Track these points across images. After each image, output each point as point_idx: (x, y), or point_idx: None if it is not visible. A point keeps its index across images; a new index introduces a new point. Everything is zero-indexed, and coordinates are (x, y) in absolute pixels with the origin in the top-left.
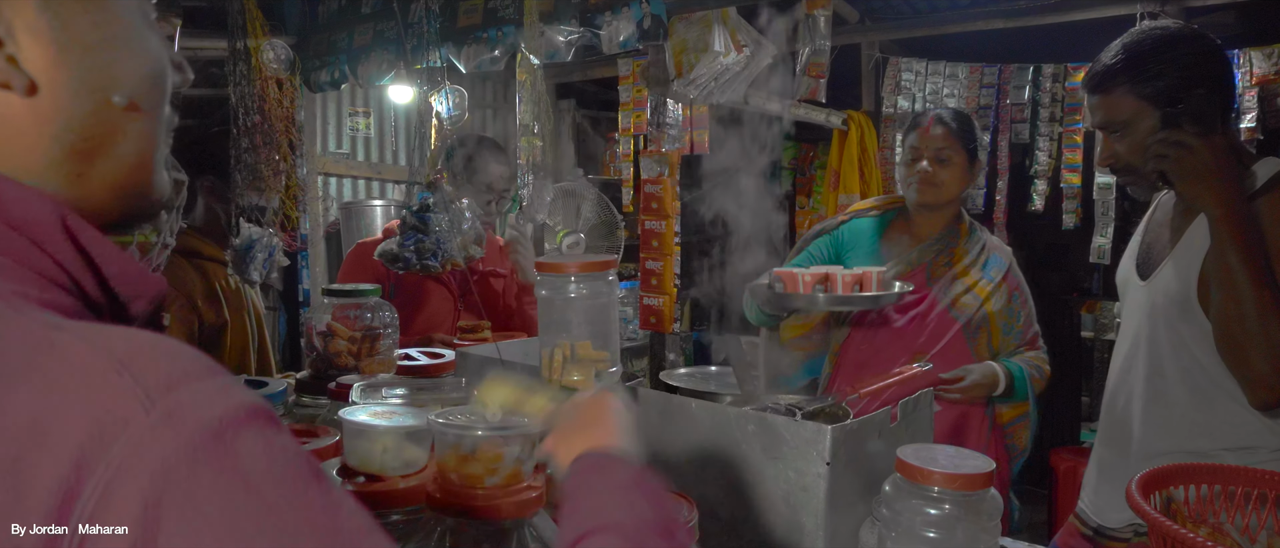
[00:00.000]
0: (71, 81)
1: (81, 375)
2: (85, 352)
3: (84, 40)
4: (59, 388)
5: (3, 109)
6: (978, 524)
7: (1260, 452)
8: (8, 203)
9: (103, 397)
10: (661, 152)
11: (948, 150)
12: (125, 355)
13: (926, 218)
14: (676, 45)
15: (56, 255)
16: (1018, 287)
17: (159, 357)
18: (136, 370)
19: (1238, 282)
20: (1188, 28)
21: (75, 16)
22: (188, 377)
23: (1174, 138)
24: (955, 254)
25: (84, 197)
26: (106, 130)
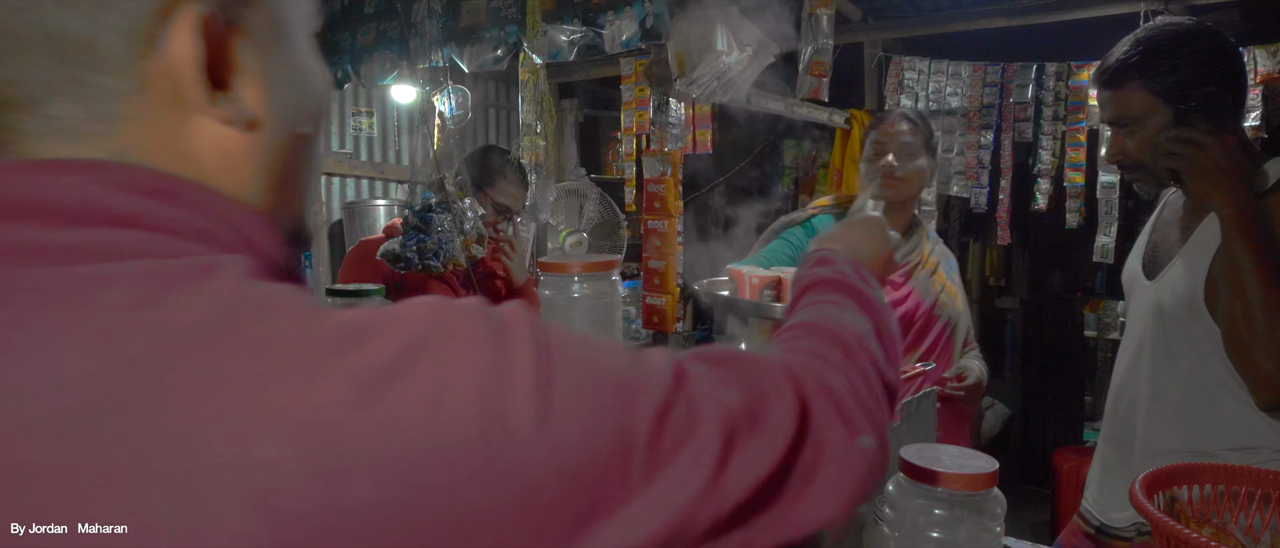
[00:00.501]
0: (274, 116)
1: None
2: (445, 312)
3: (282, 77)
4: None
5: (226, 143)
6: (981, 524)
7: (1264, 452)
8: (248, 226)
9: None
10: (664, 151)
11: (912, 145)
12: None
13: (889, 216)
14: (679, 44)
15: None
16: (961, 285)
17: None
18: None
19: (1247, 281)
20: (1202, 25)
21: (277, 56)
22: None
23: (1186, 135)
24: (924, 253)
25: (274, 220)
26: (293, 158)
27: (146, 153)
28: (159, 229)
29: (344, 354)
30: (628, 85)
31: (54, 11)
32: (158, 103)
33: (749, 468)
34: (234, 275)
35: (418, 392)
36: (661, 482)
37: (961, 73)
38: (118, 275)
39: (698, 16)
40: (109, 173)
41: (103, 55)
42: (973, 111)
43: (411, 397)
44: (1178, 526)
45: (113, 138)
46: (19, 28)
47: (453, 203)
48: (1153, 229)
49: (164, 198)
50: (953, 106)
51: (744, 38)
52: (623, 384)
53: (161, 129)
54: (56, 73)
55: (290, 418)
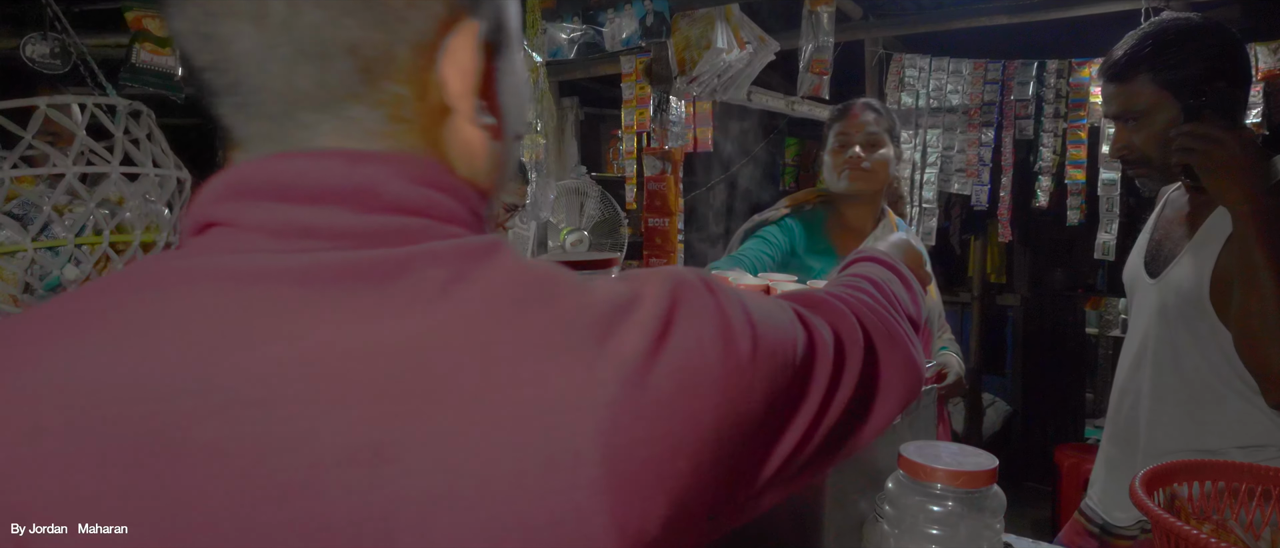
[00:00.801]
0: (505, 120)
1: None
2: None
3: (511, 86)
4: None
5: (474, 144)
6: (981, 521)
7: (1269, 449)
8: (487, 214)
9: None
10: (665, 149)
11: (877, 136)
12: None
13: (859, 209)
14: (679, 42)
15: None
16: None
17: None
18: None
19: (1261, 279)
20: (1209, 20)
21: (511, 76)
22: None
23: (1202, 130)
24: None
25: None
26: (509, 156)
27: (422, 152)
28: (443, 218)
29: (617, 328)
30: (628, 83)
31: (361, 26)
32: (433, 108)
33: (850, 377)
34: (513, 255)
35: (680, 343)
36: (813, 392)
37: (962, 70)
38: (437, 254)
39: (698, 14)
40: (404, 166)
41: (397, 66)
42: (974, 109)
43: (678, 346)
44: (1178, 522)
45: (398, 138)
46: (330, 37)
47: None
48: (1154, 227)
49: (444, 190)
50: (954, 104)
51: (744, 35)
52: (780, 323)
53: (433, 131)
54: (357, 79)
55: (592, 374)
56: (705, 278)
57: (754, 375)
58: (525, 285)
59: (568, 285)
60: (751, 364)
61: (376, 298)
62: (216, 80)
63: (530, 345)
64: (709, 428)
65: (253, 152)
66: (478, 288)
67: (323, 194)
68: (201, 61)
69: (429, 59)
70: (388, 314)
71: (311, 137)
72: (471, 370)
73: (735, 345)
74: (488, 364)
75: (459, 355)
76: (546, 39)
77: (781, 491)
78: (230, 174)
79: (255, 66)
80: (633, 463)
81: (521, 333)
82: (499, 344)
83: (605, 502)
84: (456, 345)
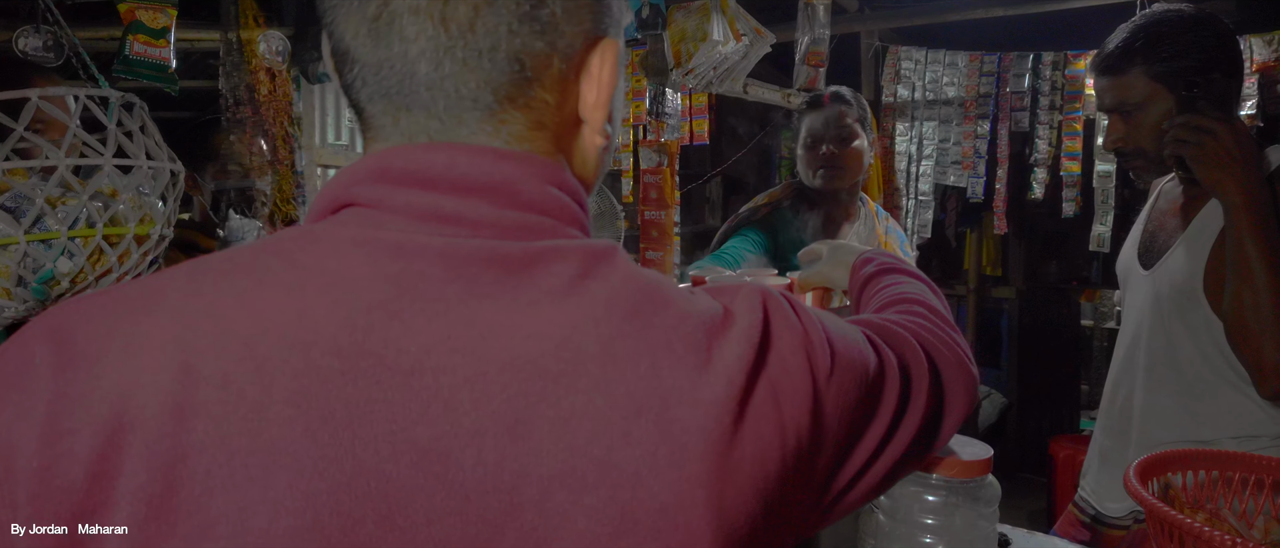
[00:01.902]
0: (613, 135)
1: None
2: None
3: (619, 106)
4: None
5: (594, 155)
6: (976, 511)
7: (1262, 440)
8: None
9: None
10: (661, 141)
11: (849, 129)
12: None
13: (836, 201)
14: (675, 35)
15: None
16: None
17: None
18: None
19: (1255, 271)
20: (1203, 11)
21: (620, 92)
22: None
23: (1196, 122)
24: (878, 232)
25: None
26: (606, 163)
27: (551, 156)
28: (565, 219)
29: (718, 337)
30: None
31: (530, 35)
32: (568, 117)
33: (919, 397)
34: (626, 259)
35: (773, 357)
36: (882, 410)
37: (958, 62)
38: (566, 251)
39: (693, 7)
40: (540, 168)
41: (551, 75)
42: (969, 101)
43: (772, 359)
44: (1171, 511)
45: (536, 142)
46: (504, 43)
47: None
48: (1148, 218)
49: (568, 192)
50: (949, 96)
51: (740, 28)
52: (854, 340)
53: (565, 138)
54: (519, 85)
55: (700, 378)
56: (788, 296)
57: (832, 389)
58: (642, 290)
59: (676, 294)
60: (829, 379)
61: (513, 285)
62: (382, 76)
63: (647, 345)
64: (794, 436)
65: (400, 143)
66: (601, 287)
67: (469, 186)
68: (368, 56)
69: (575, 72)
70: (523, 302)
71: (467, 133)
72: (595, 362)
73: (817, 361)
74: (610, 358)
75: (585, 347)
76: None
77: (857, 499)
78: (375, 160)
79: (431, 65)
80: (731, 462)
81: (640, 333)
82: (620, 340)
83: (705, 495)
84: (583, 338)
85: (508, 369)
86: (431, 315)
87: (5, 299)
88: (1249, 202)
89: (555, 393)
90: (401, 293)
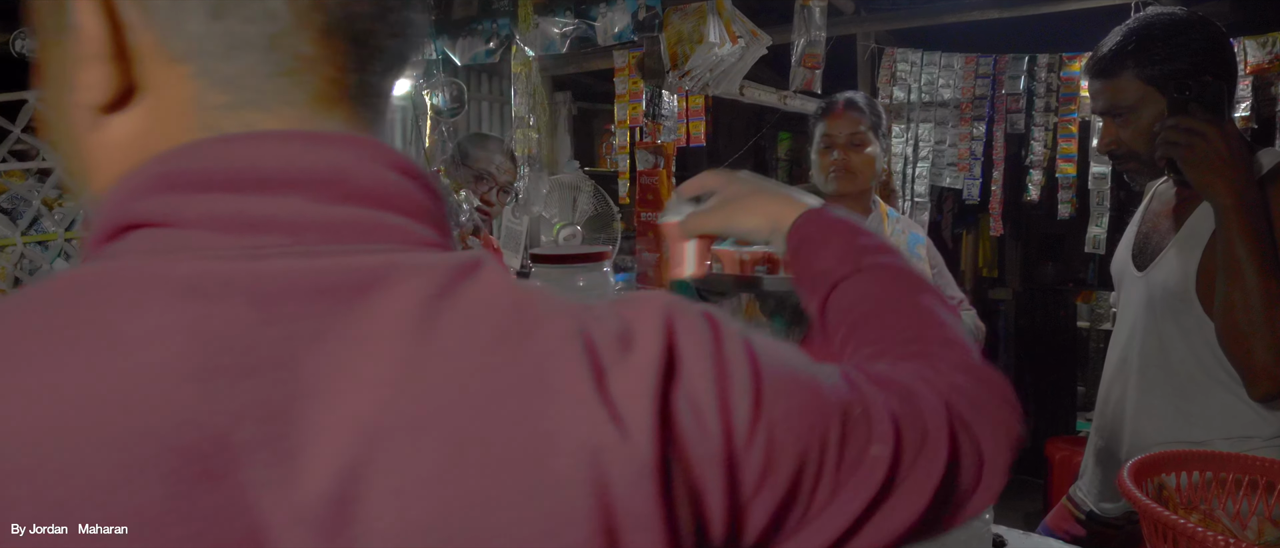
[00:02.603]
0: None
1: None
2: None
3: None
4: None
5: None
6: None
7: (1255, 441)
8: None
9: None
10: (657, 143)
11: (861, 135)
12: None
13: (846, 205)
14: (671, 37)
15: None
16: (938, 262)
17: None
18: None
19: (1245, 273)
20: (1195, 14)
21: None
22: None
23: (1186, 124)
24: (886, 234)
25: None
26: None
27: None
28: (413, 211)
29: (618, 364)
30: (620, 78)
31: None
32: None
33: (921, 477)
34: (496, 271)
35: (679, 391)
36: (849, 485)
37: (954, 64)
38: (414, 267)
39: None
40: (372, 149)
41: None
42: (965, 103)
43: (677, 394)
44: (1165, 512)
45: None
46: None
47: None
48: (1141, 220)
49: (411, 176)
50: (945, 98)
51: (736, 30)
52: (813, 383)
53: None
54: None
55: (587, 418)
56: (708, 314)
57: (757, 452)
58: (512, 310)
59: (559, 314)
60: (753, 436)
61: (344, 320)
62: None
63: (516, 380)
64: (709, 487)
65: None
66: (458, 312)
67: (277, 181)
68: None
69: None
70: (356, 342)
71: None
72: (447, 411)
73: (734, 406)
74: (466, 404)
75: (432, 393)
76: (539, 33)
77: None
78: (155, 166)
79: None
80: (629, 521)
81: (506, 365)
82: (480, 378)
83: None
84: (430, 380)
85: (330, 434)
86: (238, 383)
87: None
88: (1239, 204)
89: (391, 460)
90: (205, 355)
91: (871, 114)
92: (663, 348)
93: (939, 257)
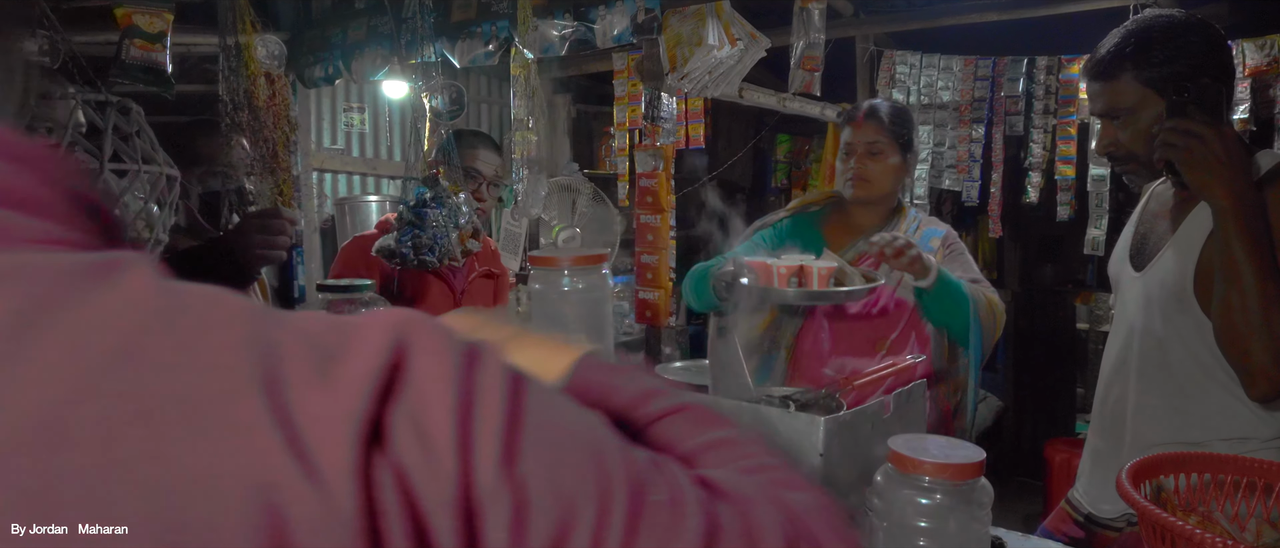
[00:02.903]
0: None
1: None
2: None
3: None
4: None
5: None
6: (969, 514)
7: (1252, 442)
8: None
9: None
10: (656, 145)
11: (879, 144)
12: None
13: (864, 211)
14: (670, 39)
15: None
16: (961, 253)
17: None
18: None
19: (1242, 274)
20: (1193, 16)
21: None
22: None
23: (1184, 126)
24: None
25: None
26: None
27: None
28: (17, 205)
29: (312, 384)
30: (620, 80)
31: None
32: None
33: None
34: (138, 272)
35: (395, 419)
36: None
37: (953, 67)
38: (16, 271)
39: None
40: None
41: None
42: (964, 105)
43: (393, 422)
44: (1163, 514)
45: None
46: None
47: (447, 197)
48: (1139, 221)
49: (18, 161)
50: (944, 100)
51: (735, 32)
52: (599, 447)
53: None
54: None
55: (263, 448)
56: (474, 344)
57: (508, 484)
58: (158, 322)
59: (231, 324)
60: (504, 468)
61: None
62: None
63: (150, 409)
64: (439, 534)
65: None
66: (63, 330)
67: None
68: None
69: None
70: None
71: None
72: (31, 452)
73: (477, 435)
74: (64, 443)
75: (19, 434)
76: (538, 36)
77: None
78: None
79: None
80: None
81: (137, 391)
82: (89, 408)
83: None
84: (16, 418)
85: None
86: None
87: None
88: (1236, 206)
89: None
90: None
91: (894, 124)
92: (382, 367)
93: (960, 243)
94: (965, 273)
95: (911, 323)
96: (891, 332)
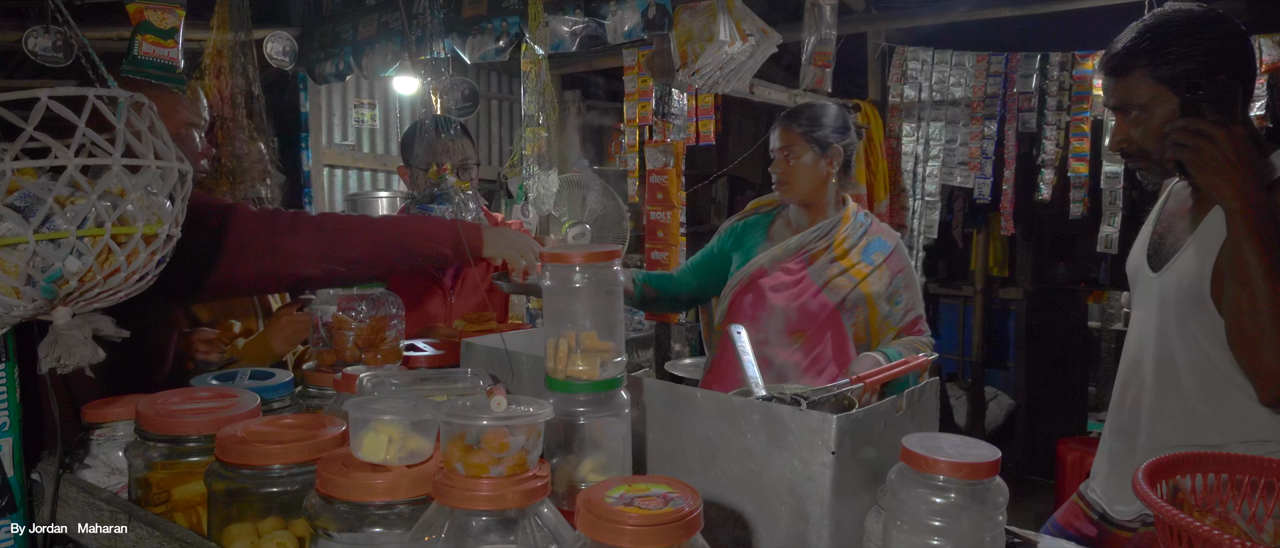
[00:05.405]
0: None
1: None
2: None
3: None
4: None
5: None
6: (983, 513)
7: (1271, 445)
8: None
9: None
10: (666, 142)
11: (792, 147)
12: None
13: (800, 211)
14: (681, 35)
15: None
16: (902, 269)
17: None
18: None
19: (1253, 276)
20: (1211, 11)
21: None
22: None
23: (1193, 126)
24: (835, 239)
25: None
26: None
27: None
28: None
29: None
30: (630, 76)
31: None
32: None
33: None
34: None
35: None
36: None
37: (965, 63)
38: None
39: (700, 7)
40: None
41: None
42: (976, 102)
43: None
44: (1180, 514)
45: None
46: None
47: (453, 194)
48: (1157, 220)
49: None
50: (956, 97)
51: (746, 28)
52: None
53: None
54: None
55: None
56: None
57: None
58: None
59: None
60: None
61: None
62: None
63: None
64: None
65: None
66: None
67: None
68: None
69: None
70: None
71: None
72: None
73: None
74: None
75: None
76: (549, 32)
77: None
78: None
79: None
80: None
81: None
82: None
83: None
84: None
85: None
86: None
87: (14, 298)
88: (1245, 207)
89: None
90: None
91: (804, 125)
92: None
93: (909, 269)
94: (908, 307)
95: (831, 320)
96: (809, 325)
